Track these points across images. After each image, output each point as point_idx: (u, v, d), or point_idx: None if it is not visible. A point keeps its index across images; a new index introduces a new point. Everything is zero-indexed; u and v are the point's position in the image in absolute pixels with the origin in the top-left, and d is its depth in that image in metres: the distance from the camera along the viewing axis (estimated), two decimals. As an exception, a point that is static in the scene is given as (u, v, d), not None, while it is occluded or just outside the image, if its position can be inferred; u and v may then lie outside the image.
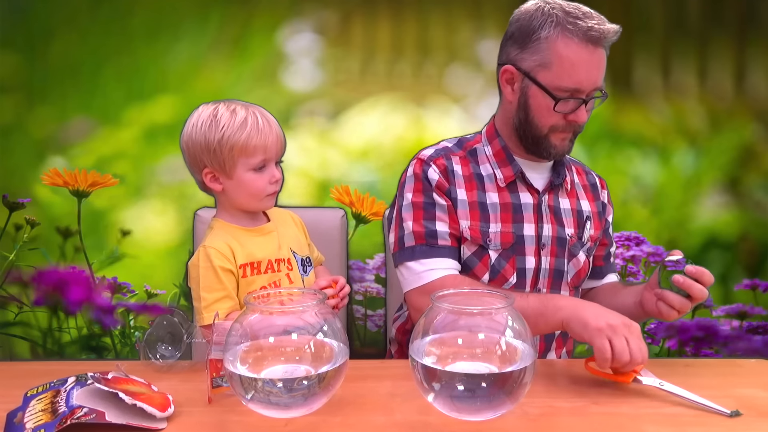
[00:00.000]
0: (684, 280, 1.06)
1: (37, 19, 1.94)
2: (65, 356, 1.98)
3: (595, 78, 1.17)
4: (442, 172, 1.25)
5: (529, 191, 1.27)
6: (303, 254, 1.28)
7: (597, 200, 1.37)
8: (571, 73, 1.16)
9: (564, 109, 1.18)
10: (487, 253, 1.24)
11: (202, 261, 1.17)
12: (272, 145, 1.19)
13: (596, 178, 1.41)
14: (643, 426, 0.88)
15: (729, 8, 1.98)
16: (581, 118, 1.19)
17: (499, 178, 1.26)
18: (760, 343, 2.03)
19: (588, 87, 1.17)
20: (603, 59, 1.18)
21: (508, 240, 1.24)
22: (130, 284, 1.99)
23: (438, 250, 1.23)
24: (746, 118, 2.01)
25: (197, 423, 0.89)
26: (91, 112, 1.97)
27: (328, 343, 0.90)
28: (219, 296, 1.16)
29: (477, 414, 0.86)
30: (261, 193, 1.20)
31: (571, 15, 1.16)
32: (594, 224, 1.34)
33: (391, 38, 1.96)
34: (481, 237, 1.24)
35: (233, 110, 1.18)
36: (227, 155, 1.16)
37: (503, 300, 0.89)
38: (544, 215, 1.27)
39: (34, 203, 1.97)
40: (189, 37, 1.95)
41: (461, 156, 1.29)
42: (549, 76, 1.18)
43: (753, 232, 2.04)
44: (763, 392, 0.99)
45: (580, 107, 1.18)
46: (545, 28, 1.17)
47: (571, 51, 1.15)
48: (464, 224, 1.24)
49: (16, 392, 0.95)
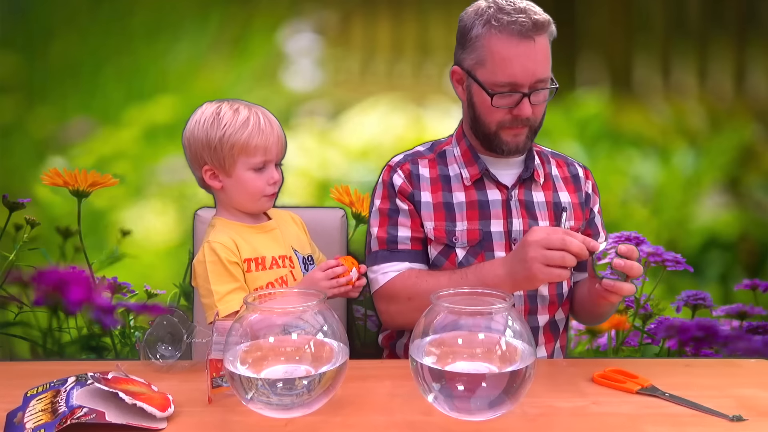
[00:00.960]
0: (624, 263, 1.04)
1: (37, 19, 1.94)
2: (65, 356, 1.98)
3: (532, 70, 1.18)
4: (406, 176, 1.30)
5: (498, 187, 1.29)
6: (305, 253, 1.29)
7: (579, 191, 1.37)
8: (504, 68, 1.18)
9: (502, 104, 1.21)
10: (454, 251, 1.27)
11: (208, 256, 1.17)
12: (273, 145, 1.19)
13: (579, 168, 1.40)
14: (643, 426, 0.88)
15: (729, 8, 1.98)
16: (524, 111, 1.20)
17: (465, 177, 1.29)
18: (760, 343, 2.03)
19: (525, 80, 1.18)
20: (540, 51, 1.19)
21: (475, 237, 1.26)
22: (130, 284, 1.99)
23: (397, 254, 1.28)
24: (746, 118, 2.01)
25: (197, 423, 0.89)
26: (91, 112, 1.96)
27: (328, 343, 0.90)
28: (232, 287, 1.15)
29: (477, 414, 0.86)
30: (259, 193, 1.20)
31: (502, 11, 1.18)
32: (575, 215, 1.34)
33: (391, 38, 1.96)
34: (446, 236, 1.27)
35: (236, 109, 1.19)
36: (227, 153, 1.17)
37: (503, 300, 0.89)
38: (513, 210, 1.28)
39: (34, 203, 1.97)
40: (189, 37, 1.95)
41: (430, 159, 1.33)
42: (485, 73, 1.21)
43: (753, 232, 2.04)
44: (763, 392, 0.99)
45: (523, 101, 1.19)
46: (477, 27, 1.21)
47: (501, 46, 1.18)
48: (429, 225, 1.28)
49: (16, 392, 0.95)
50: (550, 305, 1.30)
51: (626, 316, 2.03)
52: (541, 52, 1.19)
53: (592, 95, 2.00)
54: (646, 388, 0.98)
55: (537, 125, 1.27)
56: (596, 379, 1.02)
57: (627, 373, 1.03)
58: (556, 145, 1.43)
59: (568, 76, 2.02)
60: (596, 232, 1.39)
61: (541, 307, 1.29)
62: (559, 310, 1.32)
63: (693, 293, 2.03)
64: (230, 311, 1.13)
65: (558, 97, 2.02)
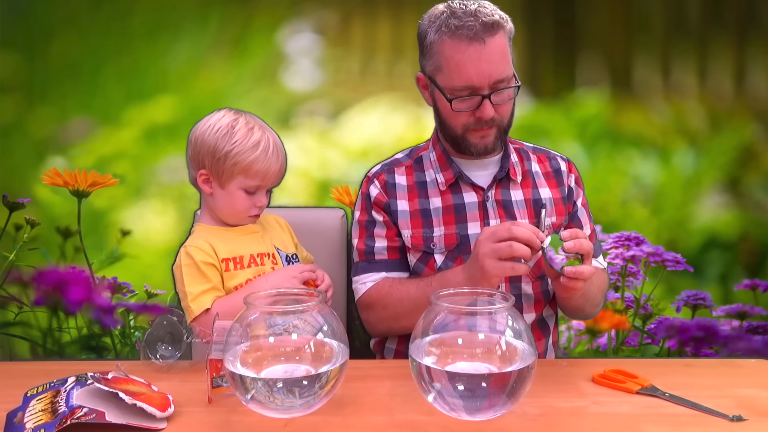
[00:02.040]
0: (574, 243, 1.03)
1: (37, 19, 1.94)
2: (65, 356, 1.98)
3: (487, 72, 1.17)
4: (382, 187, 1.31)
5: (473, 189, 1.29)
6: (288, 252, 1.30)
7: (561, 186, 1.35)
8: (460, 73, 1.18)
9: (462, 108, 1.20)
10: (433, 257, 1.27)
11: (183, 260, 1.20)
12: (272, 175, 1.22)
13: (562, 162, 1.38)
14: (643, 426, 0.88)
15: (729, 8, 1.98)
16: (485, 113, 1.19)
17: (440, 182, 1.29)
18: (760, 343, 2.03)
19: (482, 82, 1.17)
20: (494, 52, 1.17)
21: (452, 242, 1.26)
22: (130, 284, 1.99)
23: (374, 264, 1.29)
24: (746, 118, 2.01)
25: (197, 423, 0.89)
26: (91, 112, 1.96)
27: (328, 343, 0.90)
28: (204, 288, 1.17)
29: (477, 414, 0.86)
30: (243, 213, 1.24)
31: (453, 15, 1.18)
32: (556, 210, 1.32)
33: (391, 38, 1.96)
34: (423, 243, 1.27)
35: (251, 128, 1.21)
36: (228, 168, 1.19)
37: (503, 300, 0.89)
38: (490, 211, 1.28)
39: (34, 203, 1.97)
40: (189, 37, 1.95)
41: (407, 166, 1.33)
42: (443, 79, 1.20)
43: (753, 232, 2.04)
44: (763, 392, 0.99)
45: (483, 103, 1.18)
46: (431, 33, 1.21)
47: (452, 52, 1.17)
48: (406, 233, 1.28)
49: (16, 392, 0.95)
50: (536, 303, 1.29)
51: (626, 316, 2.03)
52: (496, 52, 1.18)
53: (592, 95, 2.00)
54: (646, 388, 0.98)
55: (506, 124, 1.26)
56: (596, 379, 1.02)
57: (627, 373, 1.03)
58: (556, 145, 1.43)
59: (568, 76, 2.03)
60: (579, 225, 1.37)
61: (527, 306, 1.28)
62: (547, 306, 1.31)
63: (693, 293, 2.03)
64: (201, 310, 1.15)
65: (558, 97, 2.04)
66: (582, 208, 1.38)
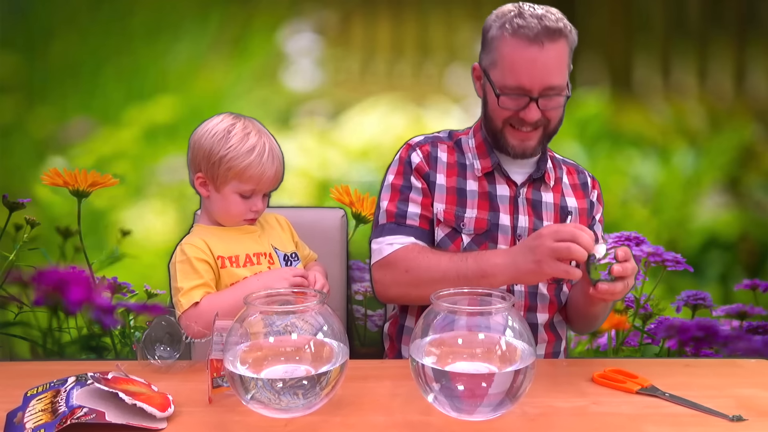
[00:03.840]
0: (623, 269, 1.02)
1: (37, 19, 1.94)
2: (65, 356, 1.98)
3: (539, 77, 1.18)
4: (425, 156, 1.32)
5: (507, 183, 1.31)
6: (287, 251, 1.30)
7: (586, 198, 1.39)
8: (513, 72, 1.19)
9: (508, 106, 1.22)
10: (460, 236, 1.28)
11: (178, 256, 1.22)
12: (267, 180, 1.22)
13: (588, 177, 1.42)
14: (643, 426, 0.88)
15: (729, 8, 1.98)
16: (529, 116, 1.20)
17: (477, 168, 1.31)
18: (760, 343, 2.03)
19: (533, 86, 1.18)
20: (551, 57, 1.18)
21: (482, 226, 1.28)
22: (130, 284, 1.99)
23: (404, 228, 1.28)
24: (746, 118, 2.01)
25: (197, 423, 0.89)
26: (91, 112, 1.96)
27: (328, 343, 0.90)
28: (195, 284, 1.18)
29: (477, 414, 0.86)
30: (239, 216, 1.25)
31: (520, 15, 1.19)
32: (579, 220, 1.35)
33: (391, 38, 1.96)
34: (455, 220, 1.28)
35: (248, 133, 1.21)
36: (223, 172, 1.20)
37: (503, 300, 0.89)
38: (520, 207, 1.30)
39: (34, 203, 1.97)
40: (189, 37, 1.95)
41: (449, 145, 1.35)
42: (497, 75, 1.22)
43: (753, 232, 2.04)
44: (763, 392, 0.99)
45: (530, 105, 1.19)
46: (494, 29, 1.22)
47: (510, 50, 1.19)
48: (439, 207, 1.29)
49: (16, 392, 0.95)
50: (550, 305, 1.30)
51: (626, 316, 2.03)
52: (552, 58, 1.18)
53: (592, 95, 2.00)
54: (646, 388, 0.98)
55: (551, 130, 1.27)
56: (596, 379, 1.02)
57: (627, 373, 1.03)
58: (556, 144, 1.43)
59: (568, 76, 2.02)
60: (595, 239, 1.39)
61: (541, 306, 1.29)
62: (562, 309, 1.33)
63: (693, 293, 2.03)
64: (190, 303, 1.16)
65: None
66: (599, 223, 1.41)
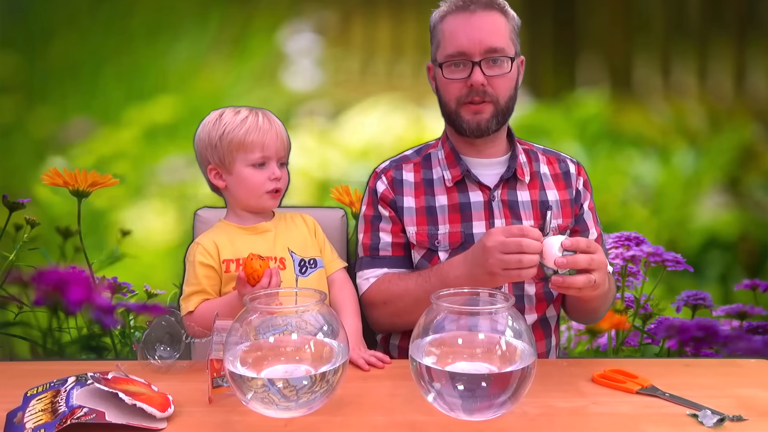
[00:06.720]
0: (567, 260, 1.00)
1: (37, 19, 1.94)
2: (65, 356, 1.98)
3: (477, 38, 1.21)
4: (389, 183, 1.32)
5: (480, 188, 1.29)
6: (305, 255, 1.27)
7: (569, 188, 1.35)
8: (451, 40, 1.23)
9: (454, 76, 1.24)
10: (437, 254, 1.27)
11: (189, 256, 1.24)
12: (271, 142, 1.22)
13: (571, 165, 1.38)
14: (643, 426, 0.88)
15: (729, 8, 1.98)
16: (475, 79, 1.22)
17: (447, 179, 1.30)
18: (760, 343, 2.03)
19: (473, 49, 1.21)
20: (487, 21, 1.22)
21: (457, 240, 1.27)
22: (130, 284, 1.99)
23: (378, 260, 1.30)
24: (746, 118, 2.01)
25: (197, 423, 0.89)
26: (91, 112, 1.96)
27: (328, 343, 0.90)
28: (193, 290, 1.19)
29: (477, 414, 0.86)
30: (259, 189, 1.22)
31: None
32: (563, 213, 1.32)
33: (391, 38, 1.96)
34: (428, 240, 1.28)
35: (238, 111, 1.24)
36: (227, 150, 1.21)
37: (503, 300, 0.89)
38: (496, 211, 1.28)
39: (34, 203, 1.97)
40: (189, 37, 1.96)
41: (416, 163, 1.35)
42: (441, 53, 1.26)
43: (753, 232, 2.04)
44: (763, 392, 0.99)
45: (474, 69, 1.21)
46: (434, 19, 1.29)
47: (448, 23, 1.25)
48: (411, 230, 1.29)
49: (16, 392, 0.95)
50: (537, 304, 1.29)
51: (626, 316, 2.03)
52: (489, 23, 1.22)
53: (592, 95, 2.00)
54: (646, 388, 0.98)
55: (502, 105, 1.26)
56: (596, 379, 1.02)
57: (627, 373, 1.03)
58: (556, 145, 1.43)
59: (568, 76, 2.03)
60: (585, 229, 1.37)
61: (528, 307, 1.28)
62: (550, 307, 1.31)
63: (693, 293, 2.03)
64: (186, 311, 1.18)
65: (558, 97, 2.04)
66: (588, 211, 1.38)
